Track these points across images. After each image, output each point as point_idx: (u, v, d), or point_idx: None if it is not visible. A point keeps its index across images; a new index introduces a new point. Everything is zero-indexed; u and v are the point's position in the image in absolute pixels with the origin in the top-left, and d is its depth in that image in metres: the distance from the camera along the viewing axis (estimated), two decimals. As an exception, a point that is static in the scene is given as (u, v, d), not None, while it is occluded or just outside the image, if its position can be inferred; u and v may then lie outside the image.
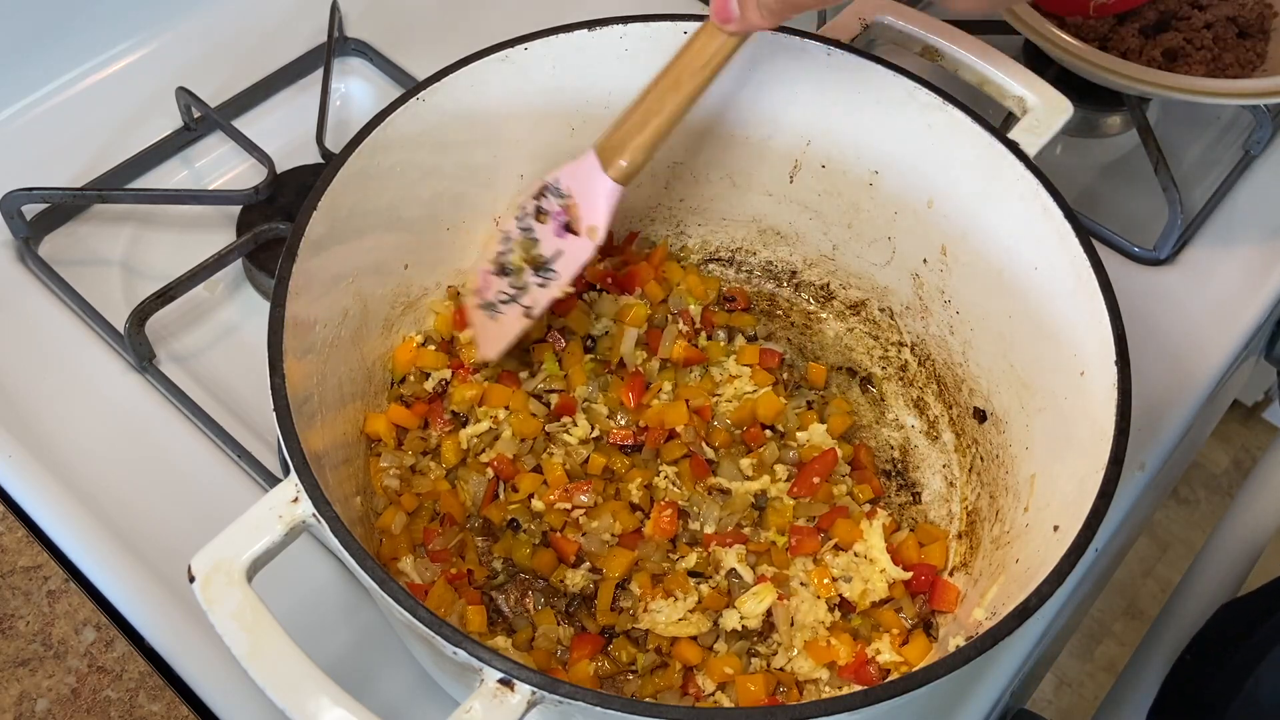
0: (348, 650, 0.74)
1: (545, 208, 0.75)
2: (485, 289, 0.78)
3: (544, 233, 0.75)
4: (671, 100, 0.69)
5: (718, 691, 0.70)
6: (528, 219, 0.76)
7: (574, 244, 0.74)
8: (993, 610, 0.64)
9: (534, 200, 0.76)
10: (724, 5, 0.66)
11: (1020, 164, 0.71)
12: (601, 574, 0.73)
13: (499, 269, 0.77)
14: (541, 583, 0.74)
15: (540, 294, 0.75)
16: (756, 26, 0.66)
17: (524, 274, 0.76)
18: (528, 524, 0.75)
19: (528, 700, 0.52)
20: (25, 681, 0.69)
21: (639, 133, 0.70)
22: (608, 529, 0.74)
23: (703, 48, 0.68)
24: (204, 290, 0.89)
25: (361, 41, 1.04)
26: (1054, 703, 1.80)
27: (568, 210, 0.74)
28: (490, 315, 0.77)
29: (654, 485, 0.76)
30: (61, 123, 0.98)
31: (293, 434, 0.59)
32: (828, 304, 0.88)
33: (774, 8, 0.64)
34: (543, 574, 0.73)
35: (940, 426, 0.82)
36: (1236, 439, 2.10)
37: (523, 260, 0.76)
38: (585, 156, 0.72)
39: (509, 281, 0.77)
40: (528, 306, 0.76)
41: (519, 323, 0.76)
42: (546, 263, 0.75)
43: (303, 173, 0.93)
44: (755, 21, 0.65)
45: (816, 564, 0.74)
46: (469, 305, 0.79)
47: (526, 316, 0.76)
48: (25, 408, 0.82)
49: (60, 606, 0.72)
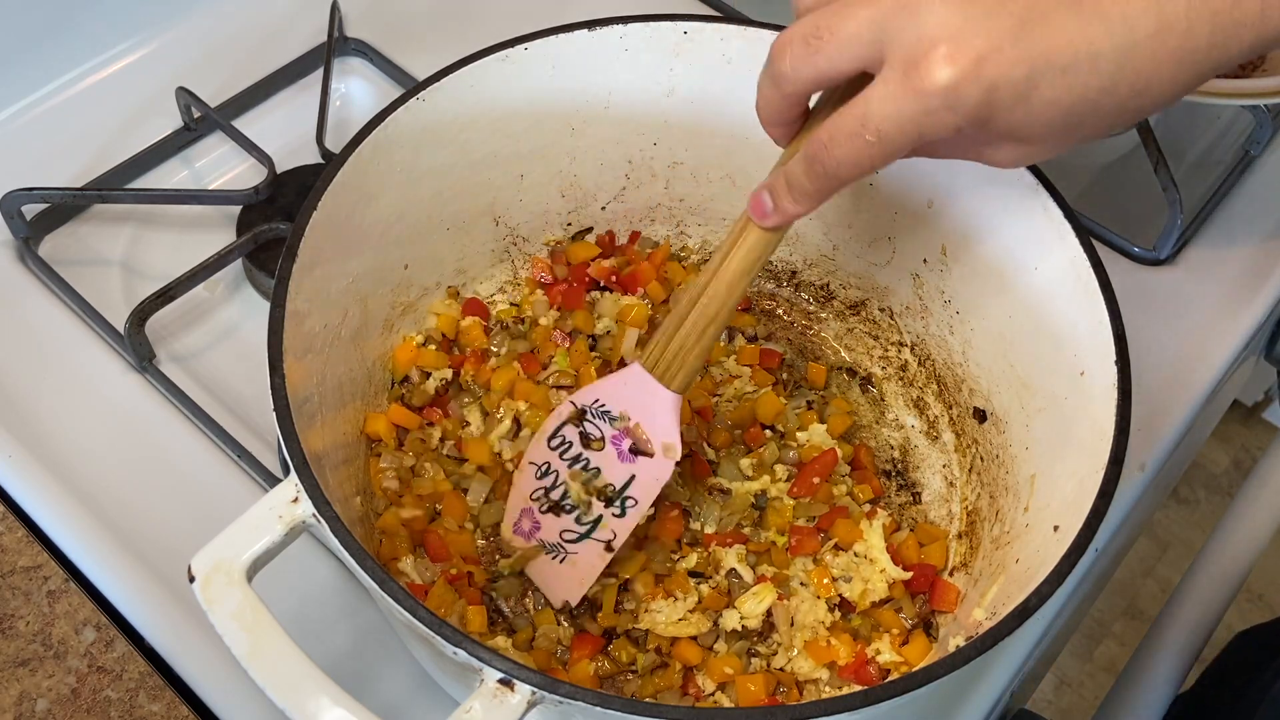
0: (348, 650, 0.74)
1: (593, 434, 0.72)
2: (536, 530, 0.73)
3: (604, 461, 0.71)
4: (723, 306, 0.65)
5: (718, 691, 0.70)
6: (574, 449, 0.72)
7: (649, 466, 0.70)
8: (993, 610, 0.64)
9: (574, 428, 0.72)
10: (758, 202, 0.62)
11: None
12: (615, 576, 0.73)
13: (550, 507, 0.72)
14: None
15: (621, 524, 0.71)
16: (794, 216, 0.61)
17: (591, 508, 0.71)
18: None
19: (528, 700, 0.52)
20: (25, 681, 0.69)
21: (696, 343, 0.67)
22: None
23: (749, 248, 0.63)
24: (204, 290, 0.89)
25: (361, 41, 1.04)
26: (1054, 703, 1.80)
27: (629, 432, 0.70)
28: (556, 558, 0.72)
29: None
30: (61, 123, 0.98)
31: (293, 434, 0.59)
32: (828, 304, 0.88)
33: (810, 189, 0.58)
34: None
35: (940, 426, 0.82)
36: (1236, 439, 2.10)
37: (584, 494, 0.72)
38: (627, 373, 0.70)
39: (574, 519, 0.72)
40: (608, 541, 0.71)
41: (601, 560, 0.71)
42: (620, 492, 0.71)
43: (303, 173, 0.93)
44: (791, 211, 0.60)
45: (816, 564, 0.74)
46: (519, 546, 0.73)
47: (608, 550, 0.71)
48: (25, 408, 0.82)
49: (60, 606, 0.72)
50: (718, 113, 0.80)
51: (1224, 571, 0.94)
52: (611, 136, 0.82)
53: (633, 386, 0.70)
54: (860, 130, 0.54)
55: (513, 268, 0.86)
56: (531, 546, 0.73)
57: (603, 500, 0.71)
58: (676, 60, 0.78)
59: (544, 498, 0.73)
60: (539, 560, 0.73)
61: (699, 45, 0.77)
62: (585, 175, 0.84)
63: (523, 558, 0.73)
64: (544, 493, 0.73)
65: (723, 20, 0.77)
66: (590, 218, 0.87)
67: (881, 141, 0.54)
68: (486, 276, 0.86)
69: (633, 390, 0.70)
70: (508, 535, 0.74)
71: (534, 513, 0.73)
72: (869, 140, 0.54)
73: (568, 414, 0.73)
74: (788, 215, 0.61)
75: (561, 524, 0.72)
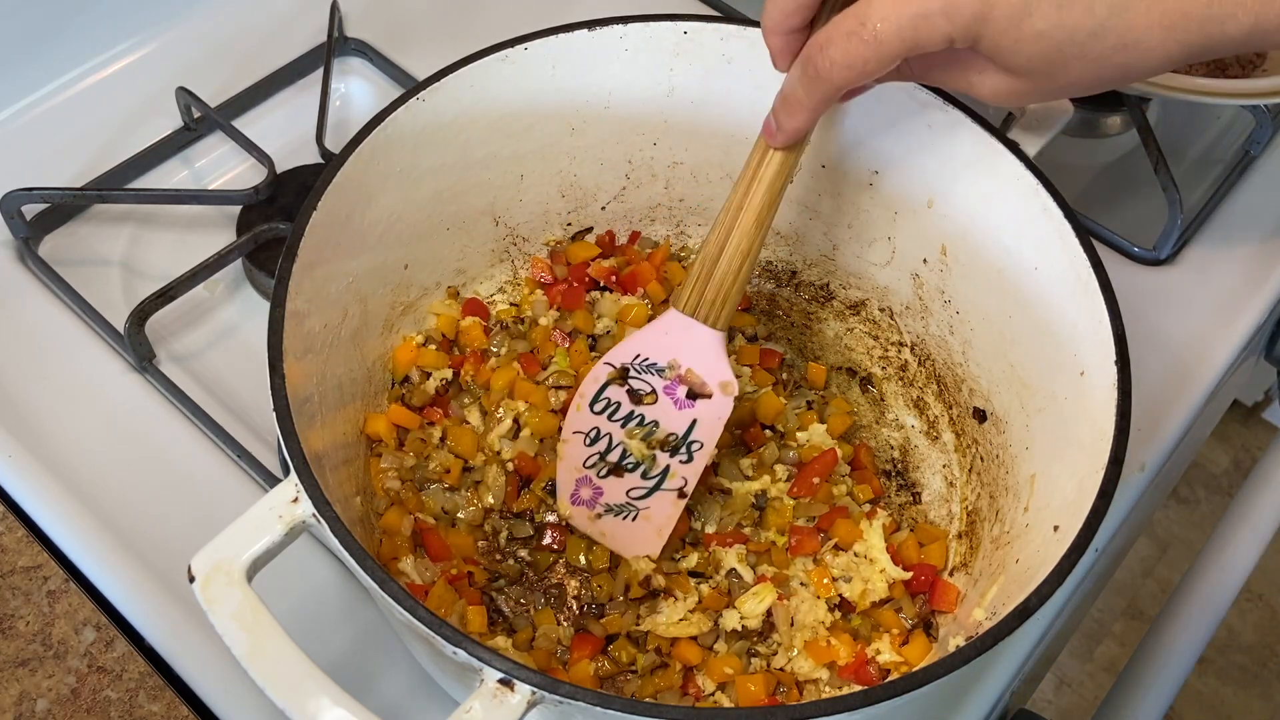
0: (348, 650, 0.74)
1: (642, 389, 0.72)
2: (599, 495, 0.73)
3: (661, 413, 0.72)
4: (755, 240, 0.68)
5: (718, 691, 0.70)
6: (624, 408, 0.72)
7: (709, 406, 0.71)
8: (993, 610, 0.64)
9: (619, 388, 0.72)
10: (766, 123, 0.65)
11: (1020, 164, 0.71)
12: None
13: (610, 470, 0.73)
14: (554, 592, 0.74)
15: (689, 469, 0.72)
16: (796, 130, 0.64)
17: (656, 461, 0.72)
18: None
19: (528, 700, 0.52)
20: (25, 682, 0.69)
21: (734, 280, 0.69)
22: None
23: (771, 178, 0.67)
24: (204, 290, 0.89)
25: (361, 41, 1.04)
26: (1054, 703, 1.80)
27: (683, 379, 0.71)
28: (627, 517, 0.73)
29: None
30: (61, 123, 0.98)
31: (293, 434, 0.59)
32: (828, 304, 0.88)
33: (804, 97, 0.62)
34: (558, 580, 0.74)
35: (940, 426, 0.82)
36: (1236, 439, 2.10)
37: (646, 450, 0.72)
38: (666, 321, 0.71)
39: (639, 474, 0.72)
40: (680, 487, 0.72)
41: (676, 506, 0.72)
42: (684, 439, 0.72)
43: (303, 173, 0.93)
44: (790, 126, 0.64)
45: (816, 564, 0.74)
46: (580, 521, 0.74)
47: (681, 496, 0.72)
48: (25, 408, 0.82)
49: (60, 606, 0.72)
50: (718, 113, 0.80)
51: (1224, 571, 0.94)
52: (611, 136, 0.82)
53: (676, 334, 0.71)
54: (858, 29, 0.56)
55: (512, 268, 0.86)
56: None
57: (667, 451, 0.72)
58: (676, 60, 0.78)
59: (600, 462, 0.73)
60: (607, 524, 0.73)
61: (699, 45, 0.77)
62: (585, 175, 0.84)
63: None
64: (599, 457, 0.73)
65: (723, 20, 0.77)
66: (590, 218, 0.87)
67: (878, 42, 0.56)
68: (486, 276, 0.86)
69: (676, 337, 0.71)
70: (565, 509, 0.74)
71: (591, 480, 0.73)
72: (865, 40, 0.56)
73: (606, 375, 0.73)
74: (790, 131, 0.64)
75: (626, 483, 0.73)
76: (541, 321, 0.82)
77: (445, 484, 0.76)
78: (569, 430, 0.74)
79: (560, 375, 0.79)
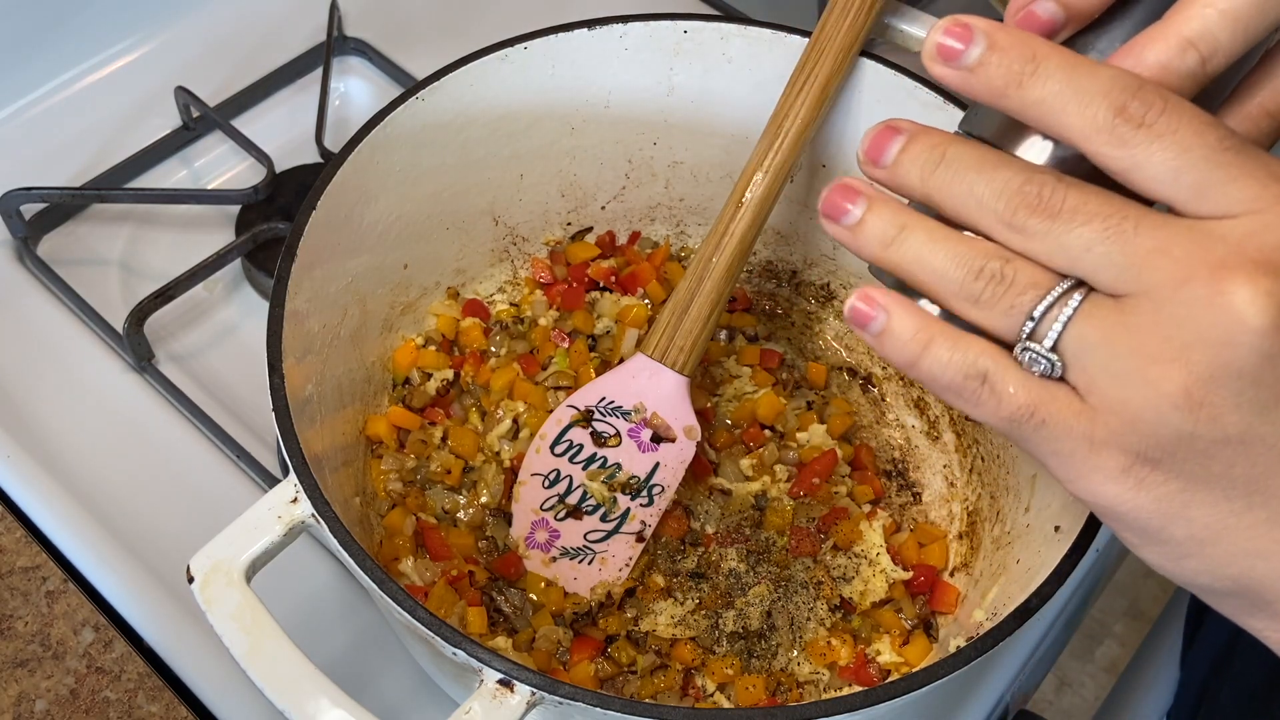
0: (348, 650, 0.74)
1: (605, 432, 0.72)
2: (556, 538, 0.72)
3: (623, 455, 0.72)
4: (725, 289, 0.70)
5: (717, 692, 0.70)
6: (585, 450, 0.72)
7: (672, 450, 0.72)
8: (993, 611, 0.64)
9: (582, 430, 0.72)
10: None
11: (1021, 164, 0.71)
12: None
13: (569, 513, 0.72)
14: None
15: (649, 512, 0.72)
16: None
17: (616, 504, 0.72)
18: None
19: (527, 701, 0.52)
20: (24, 682, 0.69)
21: (703, 328, 0.71)
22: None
23: (743, 228, 0.70)
24: (203, 290, 0.89)
25: (361, 41, 1.04)
26: (1054, 703, 1.80)
27: (648, 423, 0.72)
28: (583, 561, 0.72)
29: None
30: (60, 122, 0.97)
31: (292, 434, 0.59)
32: (828, 304, 0.88)
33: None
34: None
35: (941, 426, 0.82)
36: (1236, 439, 2.10)
37: (607, 492, 0.72)
38: (633, 365, 0.72)
39: (598, 517, 0.72)
40: (639, 531, 0.72)
41: (634, 549, 0.72)
42: (646, 482, 0.72)
43: (302, 172, 0.93)
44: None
45: (816, 564, 0.74)
46: (535, 565, 0.72)
47: (640, 540, 0.72)
48: (24, 408, 0.82)
49: (59, 607, 0.72)
50: (718, 113, 0.80)
51: (1224, 572, 0.94)
52: (611, 136, 0.82)
53: (643, 378, 0.72)
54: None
55: (512, 268, 0.86)
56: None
57: (629, 494, 0.72)
58: (676, 60, 0.78)
59: (559, 504, 0.73)
60: (564, 567, 0.72)
61: (699, 44, 0.77)
62: (585, 175, 0.84)
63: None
64: (558, 499, 0.73)
65: (723, 19, 0.77)
66: (590, 218, 0.87)
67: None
68: (486, 276, 0.85)
69: (643, 381, 0.72)
70: (521, 551, 0.73)
71: (548, 523, 0.73)
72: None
73: (570, 418, 0.73)
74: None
75: (584, 526, 0.72)
76: (541, 322, 0.82)
77: (446, 484, 0.75)
78: (526, 472, 0.73)
79: (560, 375, 0.79)
